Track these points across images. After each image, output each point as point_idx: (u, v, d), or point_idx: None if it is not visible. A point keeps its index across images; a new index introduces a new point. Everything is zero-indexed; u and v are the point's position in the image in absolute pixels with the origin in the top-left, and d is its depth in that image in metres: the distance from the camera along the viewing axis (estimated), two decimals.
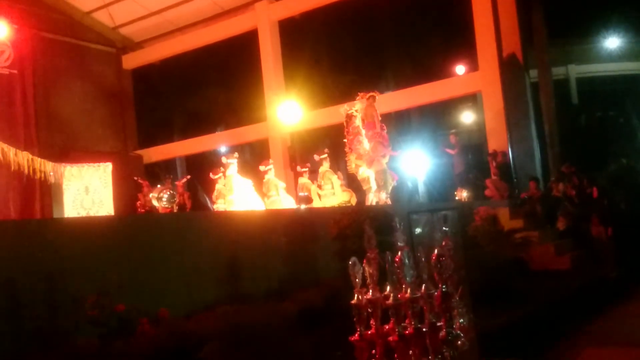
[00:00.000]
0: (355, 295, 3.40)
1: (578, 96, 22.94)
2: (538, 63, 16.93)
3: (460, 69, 17.31)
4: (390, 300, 3.37)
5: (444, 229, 3.73)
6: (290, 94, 16.71)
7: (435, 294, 3.46)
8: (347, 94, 12.93)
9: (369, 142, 11.28)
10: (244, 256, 6.78)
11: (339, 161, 14.28)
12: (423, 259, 3.51)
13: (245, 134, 18.27)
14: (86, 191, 13.83)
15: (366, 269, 3.43)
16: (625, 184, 13.51)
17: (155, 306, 5.19)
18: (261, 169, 12.25)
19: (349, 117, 11.46)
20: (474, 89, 15.64)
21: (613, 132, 20.19)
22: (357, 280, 3.40)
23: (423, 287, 3.42)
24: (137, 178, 13.67)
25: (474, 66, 15.36)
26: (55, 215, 13.70)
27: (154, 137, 20.00)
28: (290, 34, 17.65)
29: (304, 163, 13.25)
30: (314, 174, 12.68)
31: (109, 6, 18.16)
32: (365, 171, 11.24)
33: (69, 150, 16.50)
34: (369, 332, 3.38)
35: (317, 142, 17.26)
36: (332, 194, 11.94)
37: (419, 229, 4.10)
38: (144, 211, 12.84)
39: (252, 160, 17.55)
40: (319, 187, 12.15)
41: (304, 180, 12.49)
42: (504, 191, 13.31)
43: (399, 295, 3.38)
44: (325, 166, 12.24)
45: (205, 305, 5.67)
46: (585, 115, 21.42)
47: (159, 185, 12.88)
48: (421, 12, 17.45)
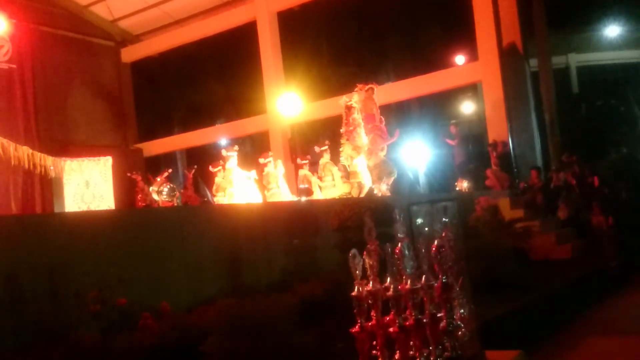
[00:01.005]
0: (356, 287, 3.40)
1: (578, 85, 22.92)
2: (538, 52, 16.90)
3: (460, 59, 17.27)
4: (390, 292, 3.38)
5: (444, 219, 3.74)
6: (290, 85, 16.66)
7: (436, 284, 3.47)
8: (347, 85, 12.89)
9: (367, 135, 11.26)
10: (244, 249, 6.79)
11: (339, 153, 14.25)
12: (423, 250, 3.51)
13: (245, 126, 18.26)
14: (86, 185, 13.82)
15: (366, 260, 3.43)
16: (626, 173, 13.51)
17: (157, 300, 5.20)
18: (260, 161, 12.24)
19: (348, 109, 11.44)
20: (474, 79, 15.60)
21: (614, 121, 20.14)
22: (358, 272, 3.40)
23: (423, 278, 3.42)
24: (131, 174, 13.62)
25: (473, 56, 15.30)
26: (56, 210, 13.69)
27: (154, 131, 19.98)
28: (289, 26, 17.58)
29: (304, 155, 13.23)
30: (314, 166, 12.67)
31: None
32: (359, 165, 11.22)
33: (69, 144, 16.50)
34: (370, 324, 3.38)
35: (318, 134, 17.24)
36: (333, 186, 11.92)
37: (419, 219, 4.10)
38: (143, 205, 12.82)
39: (253, 152, 17.55)
40: (320, 179, 12.14)
41: (304, 172, 12.48)
42: (505, 181, 13.31)
43: (400, 287, 3.38)
44: (326, 158, 12.22)
45: (206, 299, 5.68)
46: (585, 104, 21.37)
47: (158, 179, 12.82)
48: (420, 2, 17.40)
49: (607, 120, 19.94)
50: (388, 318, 3.37)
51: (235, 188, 11.50)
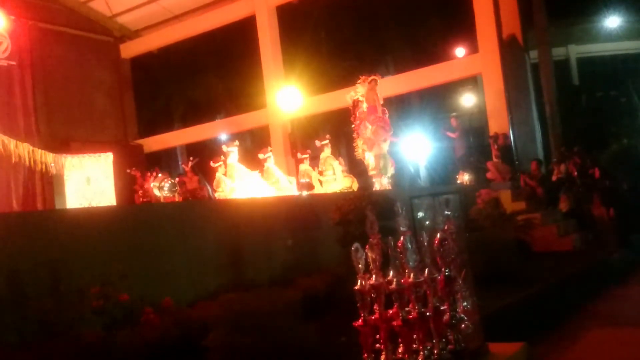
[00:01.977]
0: (359, 280, 3.40)
1: (579, 76, 22.86)
2: (538, 44, 16.84)
3: (460, 52, 17.24)
4: (393, 285, 3.37)
5: (446, 212, 3.73)
6: (290, 80, 16.63)
7: (439, 277, 3.47)
8: (347, 79, 12.86)
9: (370, 126, 11.24)
10: (246, 244, 6.79)
11: (340, 147, 14.28)
12: (426, 243, 3.51)
13: (245, 121, 18.24)
14: (87, 181, 13.80)
15: (369, 254, 3.43)
16: (627, 164, 13.49)
17: (159, 295, 5.20)
18: (260, 157, 12.22)
19: (356, 103, 11.43)
20: (474, 72, 15.57)
21: (614, 112, 20.13)
22: (360, 265, 3.39)
23: (426, 272, 3.42)
24: (130, 170, 13.58)
25: (474, 48, 15.27)
26: (57, 207, 13.70)
27: (154, 126, 19.97)
28: (288, 20, 17.54)
29: (305, 149, 13.22)
30: (314, 160, 12.66)
31: None
32: (371, 156, 11.24)
33: (69, 140, 16.48)
34: (373, 318, 3.38)
35: (318, 128, 17.24)
36: (334, 180, 11.92)
37: (421, 213, 4.09)
38: (143, 201, 12.81)
39: (253, 147, 17.53)
40: (320, 173, 12.13)
41: (305, 166, 12.47)
42: (506, 173, 13.30)
43: (402, 280, 3.38)
44: (327, 152, 12.22)
45: (209, 294, 5.69)
46: (586, 95, 21.34)
47: (159, 175, 12.81)
48: None
49: (608, 112, 19.93)
50: (391, 311, 3.37)
51: (236, 183, 11.49)
